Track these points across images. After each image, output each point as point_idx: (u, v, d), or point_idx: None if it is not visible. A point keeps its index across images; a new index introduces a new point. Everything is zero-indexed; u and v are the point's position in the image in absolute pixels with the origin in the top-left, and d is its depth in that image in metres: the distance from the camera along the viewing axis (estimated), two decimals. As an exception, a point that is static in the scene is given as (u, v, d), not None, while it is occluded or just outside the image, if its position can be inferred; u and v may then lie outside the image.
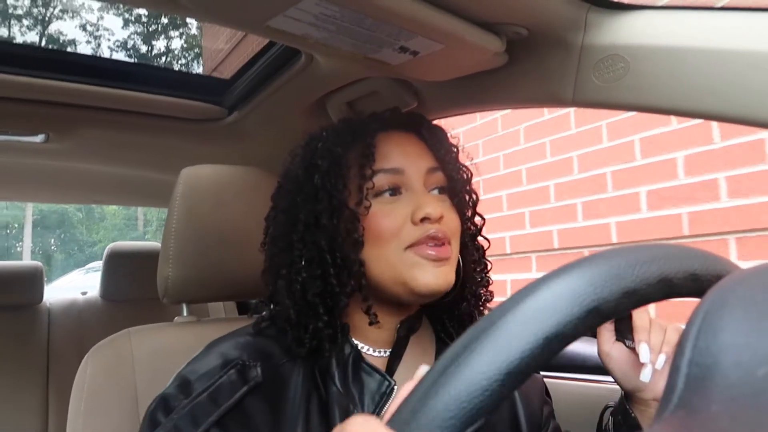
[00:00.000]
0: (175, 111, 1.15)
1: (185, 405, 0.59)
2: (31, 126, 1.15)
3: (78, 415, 0.81)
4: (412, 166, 0.66)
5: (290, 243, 0.65)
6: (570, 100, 0.73)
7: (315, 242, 0.63)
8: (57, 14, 19.24)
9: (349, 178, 0.65)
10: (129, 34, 19.88)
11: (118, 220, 25.73)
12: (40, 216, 24.55)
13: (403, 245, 0.63)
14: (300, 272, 0.63)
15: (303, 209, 0.64)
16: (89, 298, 1.96)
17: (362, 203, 0.63)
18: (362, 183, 0.64)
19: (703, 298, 0.26)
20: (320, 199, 0.64)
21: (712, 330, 0.24)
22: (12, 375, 1.65)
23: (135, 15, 19.34)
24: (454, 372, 0.27)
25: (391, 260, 0.63)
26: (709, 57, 0.59)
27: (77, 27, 19.28)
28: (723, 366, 0.23)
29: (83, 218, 25.68)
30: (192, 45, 16.35)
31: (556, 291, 0.29)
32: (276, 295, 0.67)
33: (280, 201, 0.69)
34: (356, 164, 0.65)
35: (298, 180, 0.67)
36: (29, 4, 17.86)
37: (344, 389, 0.62)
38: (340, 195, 0.64)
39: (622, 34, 0.67)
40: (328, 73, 0.91)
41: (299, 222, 0.64)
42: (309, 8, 0.59)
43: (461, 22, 0.66)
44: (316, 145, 0.67)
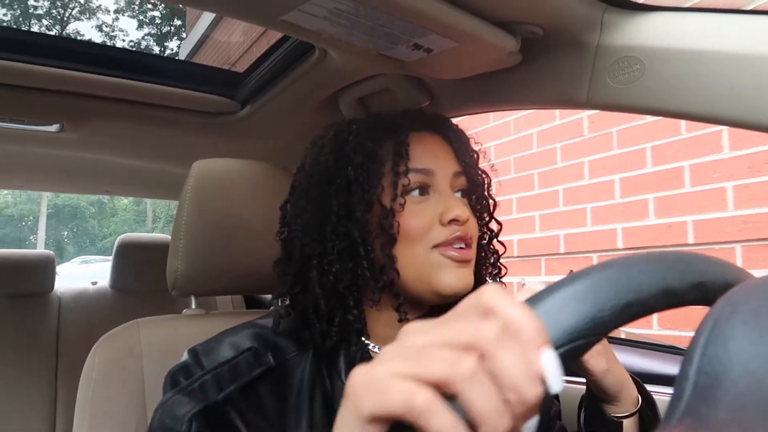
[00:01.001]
0: (188, 104, 1.16)
1: (208, 372, 0.60)
2: (46, 115, 1.16)
3: (86, 403, 0.82)
4: (440, 168, 0.68)
5: (323, 233, 0.65)
6: (584, 101, 0.72)
7: (348, 234, 0.64)
8: (75, 14, 19.51)
9: (382, 174, 0.66)
10: (144, 35, 20.07)
11: (128, 215, 26.23)
12: (54, 209, 25.20)
13: (431, 244, 0.64)
14: (332, 263, 0.64)
15: (335, 200, 0.65)
16: (99, 288, 1.98)
17: (397, 200, 0.64)
18: (396, 180, 0.65)
19: (712, 307, 0.26)
20: (353, 192, 0.64)
21: (722, 338, 0.23)
22: (22, 362, 1.67)
23: (149, 17, 19.53)
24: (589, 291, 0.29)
25: (418, 259, 0.64)
26: (727, 61, 0.58)
27: (94, 27, 19.49)
28: (732, 374, 0.22)
29: (95, 212, 26.26)
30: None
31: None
32: (298, 286, 0.67)
33: (308, 190, 0.68)
34: (389, 161, 0.66)
35: (329, 171, 0.66)
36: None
37: None
38: (373, 189, 0.65)
39: (639, 35, 0.66)
40: (341, 68, 0.91)
41: (332, 213, 0.64)
42: (324, 3, 0.59)
43: (476, 20, 0.65)
44: (347, 138, 0.68)
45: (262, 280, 0.94)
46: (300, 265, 0.66)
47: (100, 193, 2.28)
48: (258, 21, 0.67)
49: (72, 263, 9.95)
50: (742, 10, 0.60)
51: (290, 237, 0.69)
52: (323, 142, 0.71)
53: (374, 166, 0.65)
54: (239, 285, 0.96)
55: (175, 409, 0.57)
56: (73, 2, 19.82)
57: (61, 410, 1.67)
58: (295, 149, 1.33)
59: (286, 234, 0.71)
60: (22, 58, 0.96)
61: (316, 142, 0.72)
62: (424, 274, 0.64)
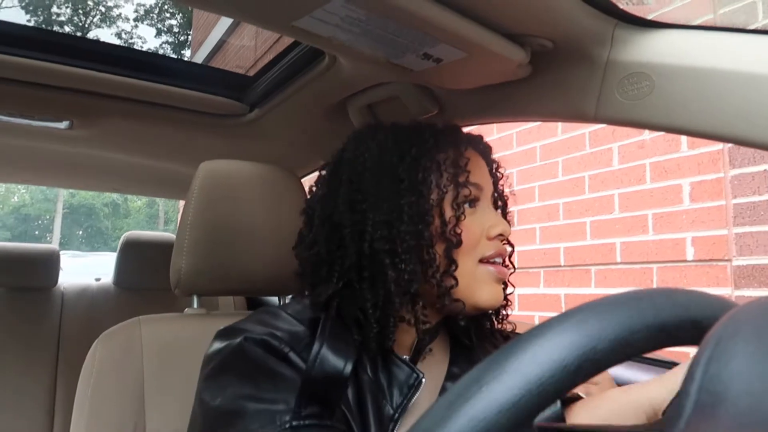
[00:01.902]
0: (198, 105, 1.16)
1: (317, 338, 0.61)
2: (55, 112, 1.17)
3: (85, 398, 0.82)
4: (486, 185, 0.71)
5: (396, 231, 0.64)
6: (592, 116, 0.73)
7: (419, 234, 0.64)
8: (96, 21, 19.94)
9: (444, 182, 0.68)
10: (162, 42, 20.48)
11: (141, 217, 26.75)
12: (69, 209, 25.83)
13: (478, 257, 0.67)
14: (407, 262, 0.64)
15: (405, 200, 0.65)
16: (102, 284, 1.99)
17: (460, 209, 0.66)
18: (459, 190, 0.67)
19: (715, 325, 0.26)
20: (422, 194, 0.66)
21: (724, 357, 0.23)
22: (23, 355, 1.68)
23: (167, 25, 19.92)
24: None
25: (466, 270, 0.66)
26: (737, 79, 0.58)
27: (114, 34, 19.96)
28: (733, 394, 0.22)
29: (109, 213, 26.89)
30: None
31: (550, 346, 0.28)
32: (342, 279, 0.66)
33: (372, 187, 0.67)
34: (449, 170, 0.68)
35: (396, 172, 0.67)
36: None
37: (374, 378, 0.64)
38: (441, 195, 0.67)
39: (649, 51, 0.66)
40: (350, 75, 0.92)
41: (403, 212, 0.65)
42: (336, 10, 0.60)
43: (486, 31, 0.66)
44: (414, 141, 0.69)
45: (265, 281, 0.94)
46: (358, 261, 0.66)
47: (108, 190, 2.29)
48: (270, 26, 0.67)
49: (63, 255, 10.13)
50: (752, 30, 0.60)
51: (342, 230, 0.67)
52: (382, 142, 0.70)
53: (438, 173, 0.68)
54: (242, 286, 0.97)
55: (333, 362, 0.59)
56: (94, 10, 20.30)
57: (60, 404, 1.67)
58: (302, 153, 1.34)
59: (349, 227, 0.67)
60: (33, 55, 0.97)
61: (367, 139, 0.72)
62: (468, 286, 0.66)
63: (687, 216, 1.96)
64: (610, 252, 2.20)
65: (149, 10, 21.04)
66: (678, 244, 1.98)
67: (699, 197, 1.94)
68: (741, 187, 1.78)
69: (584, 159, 2.34)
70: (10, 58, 0.95)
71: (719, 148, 1.88)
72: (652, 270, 2.07)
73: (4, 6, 18.69)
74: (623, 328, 0.28)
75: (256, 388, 0.57)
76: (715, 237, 1.89)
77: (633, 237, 2.12)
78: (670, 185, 2.01)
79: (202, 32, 8.42)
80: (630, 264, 2.14)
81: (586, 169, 2.32)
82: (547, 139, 2.49)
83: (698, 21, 1.90)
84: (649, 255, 2.07)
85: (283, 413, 0.55)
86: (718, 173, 1.89)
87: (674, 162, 2.01)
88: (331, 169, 0.73)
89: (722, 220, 1.86)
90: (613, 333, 0.28)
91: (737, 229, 1.79)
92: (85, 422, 0.81)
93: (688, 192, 1.97)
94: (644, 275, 2.09)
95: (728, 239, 1.83)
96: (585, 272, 2.31)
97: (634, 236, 2.12)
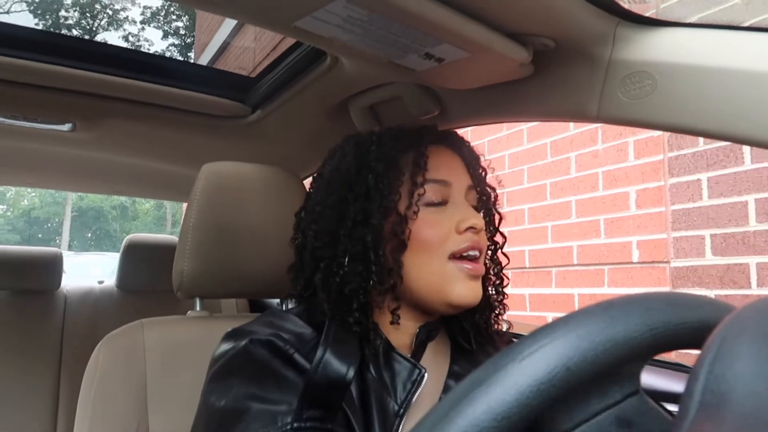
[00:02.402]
0: (200, 106, 1.17)
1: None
2: (58, 114, 1.17)
3: (88, 401, 0.82)
4: (456, 181, 0.71)
5: (336, 237, 0.67)
6: (594, 115, 0.72)
7: (362, 239, 0.66)
8: (103, 25, 20.18)
9: (401, 183, 0.68)
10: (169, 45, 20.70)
11: (149, 219, 27.04)
12: (78, 212, 26.32)
13: (447, 254, 0.67)
14: (342, 266, 0.66)
15: (353, 206, 0.67)
16: (105, 287, 1.99)
17: (411, 208, 0.67)
18: (413, 189, 0.67)
19: (719, 325, 0.26)
20: (372, 199, 0.66)
21: (728, 358, 0.23)
22: (26, 358, 1.68)
23: (174, 27, 20.14)
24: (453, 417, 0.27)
25: (434, 269, 0.67)
26: (740, 78, 0.58)
27: (121, 37, 20.22)
28: (737, 395, 0.22)
29: (117, 216, 27.35)
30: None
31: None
32: (309, 290, 0.69)
33: (326, 196, 0.71)
34: (408, 171, 0.69)
35: (350, 178, 0.69)
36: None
37: (378, 376, 0.65)
38: (391, 197, 0.67)
39: (651, 50, 0.66)
40: (352, 75, 0.92)
41: (348, 218, 0.67)
42: (337, 11, 0.60)
43: (488, 31, 0.65)
44: (369, 147, 0.70)
45: (268, 284, 0.94)
46: (312, 269, 0.69)
47: (111, 192, 2.29)
48: (271, 27, 0.67)
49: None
50: (755, 27, 0.60)
51: (304, 242, 0.72)
52: (344, 151, 0.73)
53: (394, 174, 0.68)
54: (245, 288, 0.97)
55: (336, 368, 0.59)
56: (101, 14, 20.57)
57: (63, 407, 1.68)
58: (305, 154, 1.34)
59: (300, 239, 0.73)
60: (35, 57, 0.98)
61: (335, 151, 0.75)
62: (438, 285, 0.66)
63: (633, 221, 2.16)
64: (568, 254, 2.40)
65: (155, 12, 21.24)
66: (625, 247, 2.18)
67: (643, 204, 2.13)
68: (678, 194, 1.95)
69: (546, 167, 2.55)
70: (11, 60, 0.96)
71: (661, 158, 2.05)
72: (604, 271, 2.25)
73: (13, 11, 18.94)
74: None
75: (261, 388, 0.58)
76: (656, 240, 2.07)
77: (587, 240, 2.33)
78: (619, 192, 2.22)
79: (206, 35, 8.45)
80: (585, 266, 2.33)
81: (548, 177, 2.54)
82: (514, 148, 2.70)
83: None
84: (601, 257, 2.27)
85: (285, 414, 0.55)
86: (659, 182, 2.07)
87: (623, 171, 2.21)
88: (312, 181, 0.77)
89: (662, 225, 2.05)
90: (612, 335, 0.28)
91: (675, 234, 1.96)
92: (89, 425, 0.81)
93: (634, 199, 2.16)
94: (597, 276, 2.28)
95: (667, 243, 2.01)
96: (547, 273, 2.50)
97: (588, 240, 2.33)
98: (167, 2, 20.05)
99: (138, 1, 20.95)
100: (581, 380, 0.27)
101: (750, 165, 1.77)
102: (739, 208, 1.79)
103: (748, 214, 1.76)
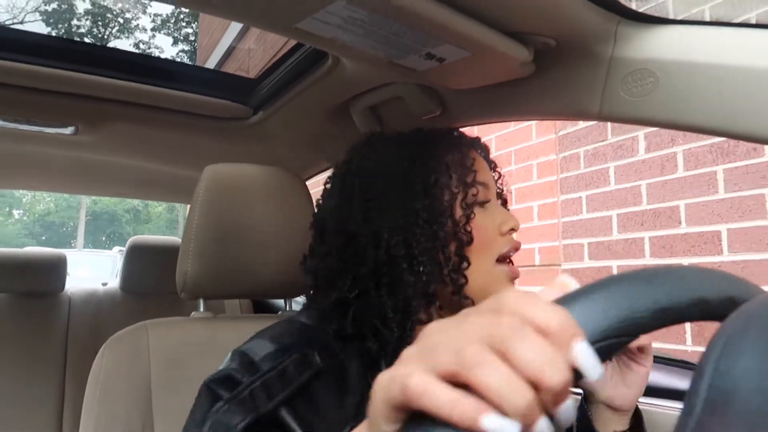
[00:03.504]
0: (202, 108, 1.17)
1: (256, 378, 0.58)
2: (61, 117, 1.17)
3: (93, 402, 0.82)
4: (491, 183, 0.74)
5: (411, 234, 0.66)
6: (596, 113, 0.72)
7: (434, 235, 0.66)
8: (115, 33, 20.45)
9: (453, 183, 0.69)
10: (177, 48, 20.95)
11: (161, 222, 27.40)
12: (92, 216, 26.71)
13: (495, 256, 0.69)
14: (424, 264, 0.65)
15: (418, 204, 0.66)
16: (109, 289, 1.99)
17: (469, 208, 0.68)
18: (466, 189, 0.69)
19: (724, 322, 0.26)
20: (435, 197, 0.67)
21: (734, 355, 0.23)
22: (31, 361, 1.69)
23: (183, 33, 20.37)
24: (626, 292, 0.29)
25: (485, 270, 0.68)
26: (742, 75, 0.58)
27: (132, 45, 20.48)
28: (743, 392, 0.22)
29: (131, 219, 27.87)
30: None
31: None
32: (355, 290, 0.66)
33: (383, 192, 0.68)
34: (457, 172, 0.70)
35: (408, 176, 0.68)
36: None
37: None
38: (452, 196, 0.68)
39: (653, 48, 0.66)
40: (353, 76, 0.92)
41: (417, 216, 0.66)
42: (338, 11, 0.60)
43: (489, 30, 0.65)
44: (418, 146, 0.71)
45: (271, 284, 0.94)
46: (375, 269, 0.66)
47: (113, 195, 2.30)
48: (272, 28, 0.67)
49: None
50: (757, 24, 0.60)
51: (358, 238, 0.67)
52: (390, 148, 0.72)
53: (447, 176, 0.69)
54: (248, 289, 0.97)
55: (227, 419, 0.56)
56: (113, 22, 20.80)
57: (68, 410, 1.68)
58: (306, 155, 1.34)
59: (342, 239, 0.69)
60: (37, 61, 0.98)
61: (374, 147, 0.74)
62: (486, 285, 0.68)
63: (536, 231, 2.57)
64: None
65: (165, 19, 21.42)
66: (530, 252, 2.57)
67: (543, 216, 2.54)
68: (566, 209, 2.41)
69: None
70: (13, 64, 0.96)
71: (555, 179, 2.47)
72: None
73: (27, 20, 19.21)
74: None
75: None
76: (552, 247, 2.48)
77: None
78: (525, 206, 2.62)
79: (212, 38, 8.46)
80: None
81: (509, 185, 2.87)
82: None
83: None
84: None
85: None
86: (554, 198, 2.49)
87: (529, 188, 2.62)
88: (340, 179, 0.73)
89: (556, 234, 2.46)
90: None
91: (564, 241, 2.41)
92: (94, 426, 0.81)
93: (536, 212, 2.58)
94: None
95: (559, 249, 2.44)
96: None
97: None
98: (176, 9, 20.22)
99: (149, 11, 21.13)
100: None
101: (614, 186, 2.21)
102: (607, 221, 2.23)
103: (612, 226, 2.20)
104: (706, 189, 1.89)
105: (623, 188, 2.17)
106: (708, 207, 1.88)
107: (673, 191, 2.00)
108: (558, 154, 2.49)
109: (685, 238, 1.96)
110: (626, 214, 2.15)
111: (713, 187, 1.87)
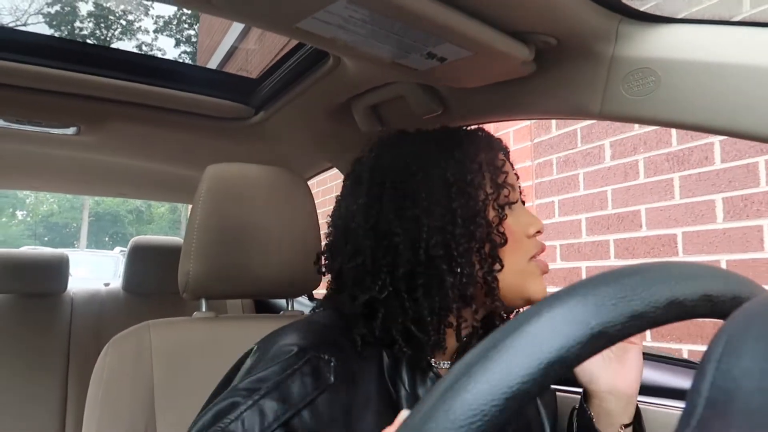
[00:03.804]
0: (203, 108, 1.17)
1: (253, 402, 0.56)
2: (63, 118, 1.18)
3: (96, 402, 0.82)
4: (516, 185, 0.73)
5: (451, 237, 0.64)
6: (597, 112, 0.72)
7: (472, 235, 0.65)
8: (117, 35, 20.54)
9: (486, 183, 0.69)
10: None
11: (164, 223, 27.62)
12: (95, 217, 26.98)
13: (528, 255, 0.69)
14: (464, 266, 0.64)
15: (456, 203, 0.65)
16: (111, 289, 2.00)
17: (502, 209, 0.68)
18: (500, 191, 0.69)
19: (726, 320, 0.26)
20: (472, 197, 0.66)
21: (736, 354, 0.23)
22: (34, 361, 1.69)
23: (186, 35, 20.42)
24: (453, 395, 0.26)
25: (519, 268, 0.67)
26: (743, 73, 0.58)
27: (134, 47, 20.59)
28: (745, 391, 0.22)
29: (133, 220, 28.14)
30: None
31: (558, 315, 0.27)
32: (385, 291, 0.64)
33: (419, 193, 0.66)
34: (489, 172, 0.69)
35: (444, 176, 0.66)
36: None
37: (412, 393, 0.63)
38: (487, 197, 0.67)
39: (654, 47, 0.66)
40: (354, 76, 0.92)
41: (456, 215, 0.65)
42: (339, 11, 0.60)
43: (490, 30, 0.65)
44: (452, 145, 0.69)
45: (273, 284, 0.95)
46: (411, 269, 0.64)
47: (115, 195, 2.30)
48: (273, 28, 0.67)
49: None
50: (758, 23, 0.59)
51: (391, 238, 0.65)
52: (423, 146, 0.70)
53: (480, 175, 0.68)
54: (250, 289, 0.97)
55: None
56: (115, 24, 20.89)
57: (71, 410, 1.68)
58: (308, 155, 1.34)
59: (373, 237, 0.66)
60: (38, 62, 0.98)
61: (403, 144, 0.71)
62: (522, 284, 0.67)
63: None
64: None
65: (168, 21, 21.49)
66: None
67: None
68: (541, 213, 2.49)
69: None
70: (16, 65, 0.96)
71: (531, 184, 2.54)
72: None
73: (30, 23, 19.30)
74: None
75: None
76: None
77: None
78: None
79: (213, 39, 8.47)
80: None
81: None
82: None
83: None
84: None
85: None
86: (530, 202, 2.52)
87: None
88: (367, 177, 0.69)
89: None
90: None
91: None
92: (96, 426, 0.81)
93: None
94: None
95: None
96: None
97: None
98: (178, 10, 20.28)
99: (151, 12, 21.17)
100: None
101: (583, 191, 2.31)
102: (576, 224, 2.34)
103: (582, 229, 2.31)
104: (664, 195, 2.02)
105: (591, 193, 2.29)
106: (665, 212, 2.01)
107: (635, 197, 2.12)
108: (533, 161, 2.57)
109: (645, 241, 2.08)
110: (594, 218, 2.28)
111: (670, 193, 2.00)
